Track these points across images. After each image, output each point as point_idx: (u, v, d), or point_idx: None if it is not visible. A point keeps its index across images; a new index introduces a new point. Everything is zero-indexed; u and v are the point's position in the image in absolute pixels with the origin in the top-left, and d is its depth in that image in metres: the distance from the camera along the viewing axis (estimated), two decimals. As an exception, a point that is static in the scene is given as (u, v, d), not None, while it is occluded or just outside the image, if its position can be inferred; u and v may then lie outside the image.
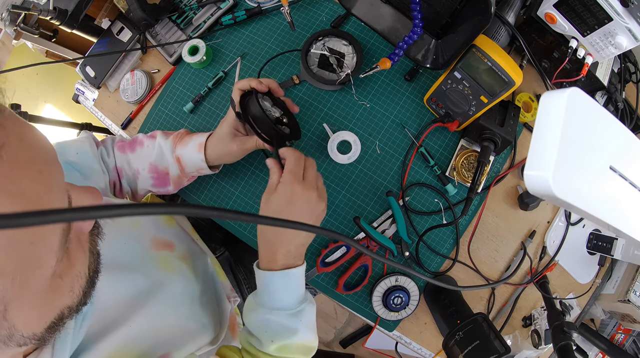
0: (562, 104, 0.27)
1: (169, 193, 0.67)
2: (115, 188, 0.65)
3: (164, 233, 0.59)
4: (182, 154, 0.60)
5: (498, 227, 0.69)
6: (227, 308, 0.66)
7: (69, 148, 0.58)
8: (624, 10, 0.50)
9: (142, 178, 0.62)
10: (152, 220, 0.60)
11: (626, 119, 0.68)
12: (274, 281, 0.49)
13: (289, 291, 0.50)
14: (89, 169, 0.58)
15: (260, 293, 0.51)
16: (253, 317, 0.51)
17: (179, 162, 0.61)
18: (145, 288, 0.48)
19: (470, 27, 0.53)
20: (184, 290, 0.55)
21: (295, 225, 0.22)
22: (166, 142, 0.61)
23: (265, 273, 0.50)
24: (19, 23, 0.72)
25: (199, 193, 0.73)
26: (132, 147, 0.63)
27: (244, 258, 0.84)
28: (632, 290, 0.66)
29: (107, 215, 0.15)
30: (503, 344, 0.53)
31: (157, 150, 0.61)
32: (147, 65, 0.80)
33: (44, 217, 0.14)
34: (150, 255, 0.53)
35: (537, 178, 0.27)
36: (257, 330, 0.51)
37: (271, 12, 0.75)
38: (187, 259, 0.59)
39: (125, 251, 0.50)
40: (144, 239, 0.55)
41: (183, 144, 0.60)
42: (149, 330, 0.46)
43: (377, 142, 0.70)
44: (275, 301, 0.50)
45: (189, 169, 0.61)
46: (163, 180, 0.63)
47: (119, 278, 0.46)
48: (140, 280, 0.49)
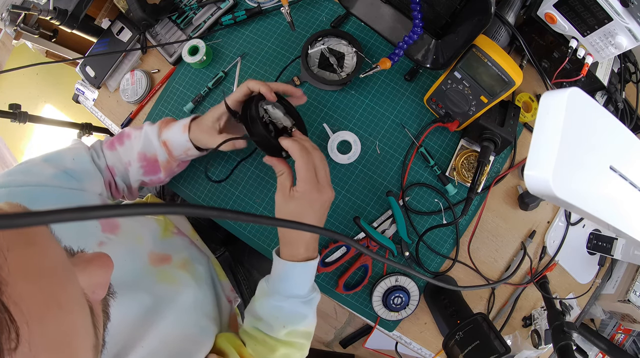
0: (562, 104, 0.27)
1: (161, 182, 0.66)
2: (112, 188, 0.65)
3: (160, 247, 0.58)
4: (167, 137, 0.60)
5: (498, 227, 0.69)
6: (227, 308, 0.66)
7: (65, 156, 0.58)
8: (624, 10, 0.50)
9: (133, 169, 0.63)
10: (150, 233, 0.60)
11: (626, 119, 0.68)
12: (296, 271, 0.52)
13: (305, 280, 0.54)
14: (85, 173, 0.58)
15: (278, 281, 0.54)
16: (266, 302, 0.53)
17: (166, 146, 0.61)
18: (151, 305, 0.49)
19: (470, 27, 0.53)
20: (187, 299, 0.55)
21: (295, 225, 0.22)
22: (152, 127, 0.61)
23: (287, 263, 0.52)
24: (19, 23, 0.72)
25: (199, 194, 0.73)
26: (120, 141, 0.63)
27: (243, 259, 0.84)
28: (632, 290, 0.66)
29: (108, 215, 0.15)
30: (503, 344, 0.53)
31: (143, 138, 0.61)
32: (147, 65, 0.80)
33: (44, 217, 0.14)
34: (150, 271, 0.53)
35: (537, 178, 0.27)
36: (268, 316, 0.53)
37: (271, 12, 0.75)
38: (187, 266, 0.59)
39: (126, 270, 0.50)
40: (142, 255, 0.55)
41: (168, 127, 0.61)
42: (160, 347, 0.47)
43: (377, 142, 0.70)
44: (291, 289, 0.53)
45: (176, 151, 0.61)
46: (153, 167, 0.63)
47: (125, 300, 0.46)
48: (144, 298, 0.49)
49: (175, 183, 0.74)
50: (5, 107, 0.89)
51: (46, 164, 0.54)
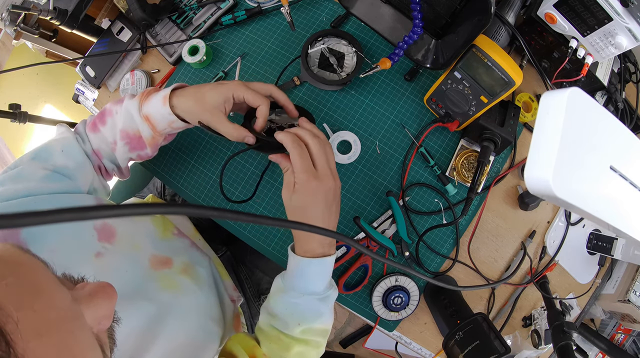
0: (562, 104, 0.27)
1: (149, 157, 0.62)
2: (102, 171, 0.63)
3: (160, 249, 0.58)
4: (149, 111, 0.55)
5: (498, 227, 0.69)
6: (231, 308, 0.66)
7: (53, 148, 0.55)
8: (624, 10, 0.50)
9: (119, 148, 0.59)
10: (149, 236, 0.59)
11: (626, 119, 0.68)
12: (311, 267, 0.51)
13: (321, 277, 0.53)
14: (76, 164, 0.56)
15: (294, 278, 0.53)
16: (282, 299, 0.52)
17: (149, 121, 0.55)
18: (154, 314, 0.48)
19: (470, 27, 0.53)
20: (190, 304, 0.55)
21: (295, 225, 0.22)
22: (132, 102, 0.56)
23: (303, 259, 0.51)
24: (19, 23, 0.72)
25: (199, 194, 0.73)
26: (102, 120, 0.59)
27: (245, 258, 0.84)
28: (632, 290, 0.66)
29: (108, 215, 0.15)
30: (503, 344, 0.53)
31: (124, 114, 0.56)
32: (147, 65, 0.80)
33: (44, 217, 0.14)
34: (152, 276, 0.53)
35: (537, 178, 0.27)
36: (284, 313, 0.52)
37: (271, 12, 0.75)
38: (188, 270, 0.59)
39: (127, 279, 0.49)
40: (143, 260, 0.54)
41: (148, 100, 0.55)
42: (165, 355, 0.47)
43: (377, 142, 0.70)
44: (307, 286, 0.52)
45: (160, 126, 0.56)
46: (138, 143, 0.58)
47: (128, 310, 0.46)
48: (147, 307, 0.48)
49: (175, 183, 0.74)
50: (5, 107, 0.89)
51: (35, 164, 0.53)
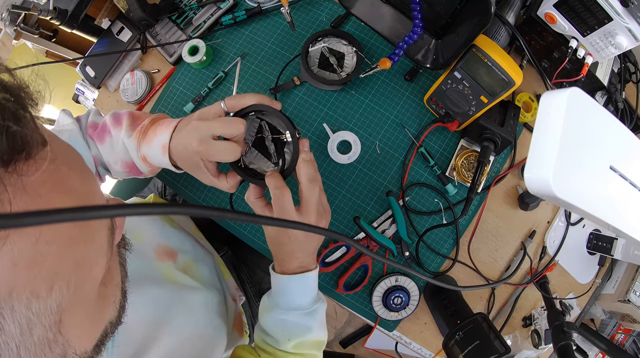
0: (562, 104, 0.27)
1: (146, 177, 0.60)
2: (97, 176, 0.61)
3: (168, 239, 0.58)
4: (147, 153, 0.52)
5: (498, 227, 0.69)
6: (232, 307, 0.66)
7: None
8: (624, 10, 0.50)
9: (115, 170, 0.58)
10: (157, 226, 0.59)
11: (626, 119, 0.68)
12: (291, 284, 0.51)
13: (304, 293, 0.52)
14: None
15: (277, 295, 0.52)
16: (269, 317, 0.52)
17: (146, 161, 0.54)
18: (163, 300, 0.48)
19: (470, 27, 0.53)
20: (196, 300, 0.55)
21: (296, 225, 0.22)
22: (130, 141, 0.53)
23: (282, 276, 0.51)
24: (19, 23, 0.72)
25: (199, 194, 0.73)
26: (101, 138, 0.57)
27: (246, 258, 0.84)
28: (632, 290, 0.66)
29: (108, 215, 0.15)
30: (503, 344, 0.53)
31: (122, 148, 0.55)
32: (147, 65, 0.80)
33: (45, 217, 0.14)
34: (156, 267, 0.53)
35: (537, 178, 0.27)
36: (273, 330, 0.52)
37: (271, 12, 0.75)
38: (192, 268, 0.59)
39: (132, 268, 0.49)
40: (148, 251, 0.54)
41: (147, 141, 0.52)
42: (175, 347, 0.47)
43: (377, 142, 0.70)
44: (291, 302, 0.51)
45: (157, 165, 0.55)
46: (136, 171, 0.57)
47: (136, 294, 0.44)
48: (156, 291, 0.48)
49: (175, 183, 0.74)
50: (5, 107, 0.89)
51: None
